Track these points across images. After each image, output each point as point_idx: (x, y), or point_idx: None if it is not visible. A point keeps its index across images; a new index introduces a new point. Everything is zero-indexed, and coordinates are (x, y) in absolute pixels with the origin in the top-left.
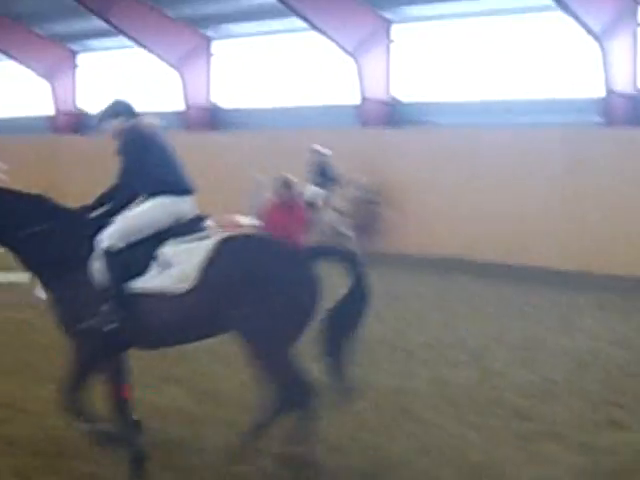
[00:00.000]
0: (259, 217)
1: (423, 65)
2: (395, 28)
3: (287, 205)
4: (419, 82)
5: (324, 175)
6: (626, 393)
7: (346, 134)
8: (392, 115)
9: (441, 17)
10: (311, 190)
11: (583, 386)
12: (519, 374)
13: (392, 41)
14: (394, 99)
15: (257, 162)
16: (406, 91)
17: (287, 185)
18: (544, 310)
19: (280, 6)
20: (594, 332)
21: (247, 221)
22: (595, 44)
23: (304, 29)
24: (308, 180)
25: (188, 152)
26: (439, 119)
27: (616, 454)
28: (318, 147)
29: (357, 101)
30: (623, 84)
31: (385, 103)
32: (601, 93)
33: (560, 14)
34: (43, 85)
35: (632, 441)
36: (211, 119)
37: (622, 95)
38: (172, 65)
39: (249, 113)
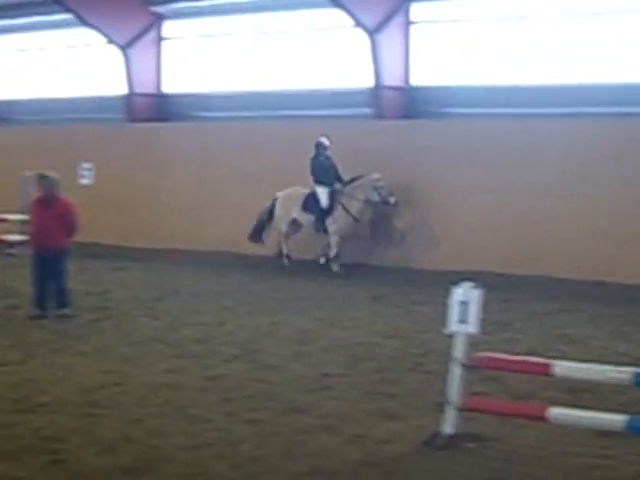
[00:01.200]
0: (27, 213)
1: (194, 60)
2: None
3: (46, 201)
4: (191, 76)
5: (329, 172)
6: (399, 384)
7: (116, 129)
8: (161, 109)
9: (213, 12)
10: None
11: (357, 378)
12: (292, 368)
13: (164, 38)
14: (165, 93)
15: (24, 157)
16: (178, 86)
17: (43, 181)
18: (319, 303)
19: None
20: (368, 325)
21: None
22: (366, 38)
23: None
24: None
25: None
26: (209, 113)
27: (389, 444)
28: (323, 139)
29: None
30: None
31: (155, 97)
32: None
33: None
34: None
35: (405, 431)
36: None
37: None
38: None
39: (13, 106)
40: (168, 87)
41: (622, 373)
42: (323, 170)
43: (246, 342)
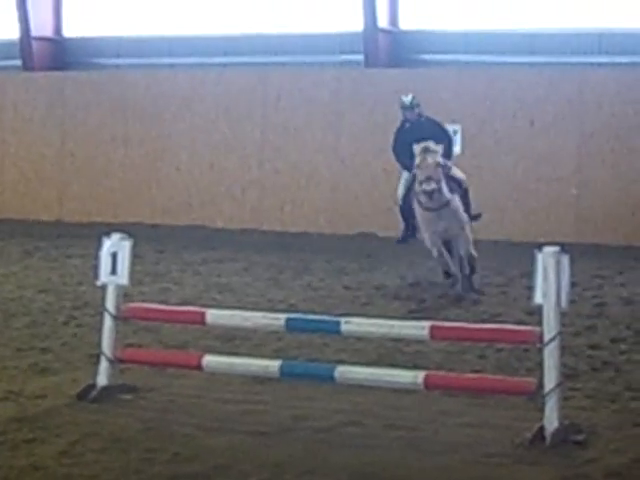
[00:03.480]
0: None
1: None
2: None
3: None
4: None
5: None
6: (53, 339)
7: None
8: None
9: None
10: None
11: (9, 334)
12: None
13: None
14: None
15: None
16: None
17: None
18: None
19: None
20: (20, 279)
21: None
22: None
23: None
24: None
25: None
26: None
27: (43, 399)
28: (405, 97)
29: None
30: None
31: None
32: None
33: None
34: None
35: (59, 385)
36: None
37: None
38: None
39: None
40: None
41: (274, 319)
42: (402, 146)
43: None
